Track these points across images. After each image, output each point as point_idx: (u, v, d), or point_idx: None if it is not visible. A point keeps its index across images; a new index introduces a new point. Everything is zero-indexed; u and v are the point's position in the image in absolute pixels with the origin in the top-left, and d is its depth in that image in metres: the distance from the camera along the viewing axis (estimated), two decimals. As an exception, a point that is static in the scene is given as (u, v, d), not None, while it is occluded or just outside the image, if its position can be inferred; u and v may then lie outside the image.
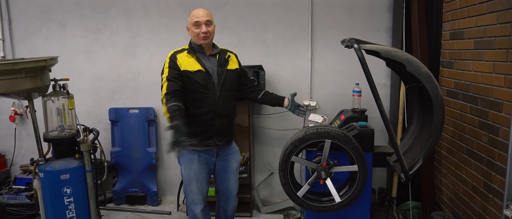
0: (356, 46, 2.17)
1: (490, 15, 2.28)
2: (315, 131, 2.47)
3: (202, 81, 2.35)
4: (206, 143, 2.44)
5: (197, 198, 2.49)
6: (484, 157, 2.36)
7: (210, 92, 2.38)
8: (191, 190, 2.48)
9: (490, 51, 2.28)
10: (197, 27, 2.36)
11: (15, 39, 3.66)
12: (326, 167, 2.48)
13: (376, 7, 3.30)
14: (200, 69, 2.36)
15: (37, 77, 2.38)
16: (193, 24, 2.37)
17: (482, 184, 2.38)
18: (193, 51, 2.41)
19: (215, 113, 2.41)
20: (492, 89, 2.27)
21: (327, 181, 2.50)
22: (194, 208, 2.50)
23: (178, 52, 2.41)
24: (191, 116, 2.37)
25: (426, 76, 2.19)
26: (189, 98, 2.37)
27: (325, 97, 3.47)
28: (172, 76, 2.31)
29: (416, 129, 2.63)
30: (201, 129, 2.40)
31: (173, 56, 2.38)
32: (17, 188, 3.44)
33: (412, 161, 2.44)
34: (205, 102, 2.38)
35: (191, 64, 2.36)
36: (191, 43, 2.45)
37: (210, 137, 2.43)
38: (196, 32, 2.37)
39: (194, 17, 2.38)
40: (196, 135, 2.36)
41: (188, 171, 2.45)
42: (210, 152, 2.49)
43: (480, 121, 2.41)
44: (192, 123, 2.36)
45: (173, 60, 2.36)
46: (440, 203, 3.00)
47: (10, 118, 3.70)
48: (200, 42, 2.39)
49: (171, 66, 2.34)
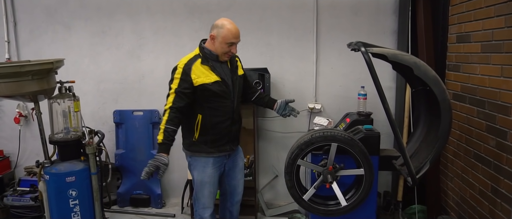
0: (363, 50, 2.17)
1: (498, 18, 2.27)
2: (322, 134, 2.46)
3: (220, 92, 2.32)
4: (222, 149, 2.44)
5: (208, 202, 2.48)
6: (492, 161, 2.35)
7: (228, 100, 2.37)
8: (203, 194, 2.47)
9: (498, 54, 2.27)
10: (230, 46, 2.29)
11: (20, 41, 3.67)
12: (332, 170, 2.48)
13: (381, 9, 3.29)
14: (217, 80, 2.31)
15: (44, 80, 2.38)
16: (228, 43, 2.27)
17: (490, 188, 2.37)
18: (206, 59, 2.31)
19: (233, 120, 2.42)
20: (500, 92, 2.26)
21: (333, 185, 2.49)
22: (203, 212, 2.50)
23: (192, 62, 2.29)
24: (208, 125, 2.36)
25: (433, 80, 2.18)
26: (207, 107, 2.34)
27: (330, 100, 3.47)
28: (182, 89, 2.25)
29: (422, 133, 2.62)
30: (218, 137, 2.40)
31: (188, 67, 2.27)
32: (22, 190, 3.44)
33: (419, 164, 2.43)
34: (223, 110, 2.37)
35: (207, 75, 2.29)
36: (204, 50, 2.34)
37: (226, 143, 2.44)
38: (226, 50, 2.30)
39: (232, 36, 2.27)
40: (214, 142, 2.39)
41: (202, 175, 2.44)
42: (224, 156, 2.50)
43: (487, 125, 2.40)
44: (210, 132, 2.37)
45: (187, 71, 2.25)
46: (446, 207, 2.99)
47: (15, 120, 3.70)
48: (223, 58, 2.34)
49: (183, 78, 2.25)
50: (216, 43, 2.30)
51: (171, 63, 3.52)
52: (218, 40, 2.28)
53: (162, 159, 2.20)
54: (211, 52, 2.32)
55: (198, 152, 2.42)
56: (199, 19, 3.46)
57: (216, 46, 2.30)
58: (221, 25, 2.28)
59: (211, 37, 2.31)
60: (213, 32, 2.30)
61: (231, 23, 2.30)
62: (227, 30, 2.26)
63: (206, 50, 2.34)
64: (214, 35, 2.29)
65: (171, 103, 2.24)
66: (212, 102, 2.34)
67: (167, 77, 3.49)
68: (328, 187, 2.50)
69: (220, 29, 2.27)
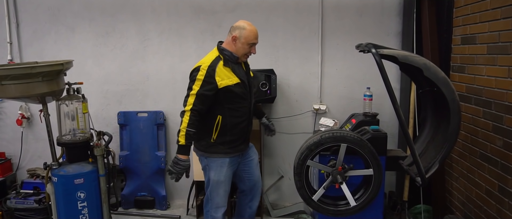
0: (374, 51, 2.19)
1: (505, 20, 2.30)
2: (331, 135, 2.48)
3: (241, 93, 2.38)
4: (238, 149, 2.49)
5: (223, 201, 2.52)
6: (499, 161, 2.38)
7: (247, 101, 2.43)
8: (218, 193, 2.50)
9: (505, 56, 2.31)
10: (251, 47, 2.37)
11: (23, 42, 3.63)
12: (342, 171, 2.49)
13: (386, 11, 3.33)
14: (238, 82, 2.36)
15: (53, 81, 2.36)
16: (249, 43, 2.35)
17: (497, 187, 2.40)
18: (227, 61, 2.35)
19: (249, 121, 2.49)
20: (507, 93, 2.29)
21: (342, 185, 2.51)
22: (216, 211, 2.52)
23: (215, 64, 2.32)
24: (227, 126, 2.40)
25: (443, 81, 2.21)
26: (227, 108, 2.38)
27: (335, 101, 3.49)
28: (204, 91, 2.27)
29: (429, 134, 2.65)
30: (236, 137, 2.45)
31: (212, 69, 2.28)
32: (25, 192, 3.40)
33: (427, 165, 2.45)
34: (242, 111, 2.42)
35: (229, 77, 2.33)
36: (224, 52, 2.37)
37: (242, 143, 2.50)
38: (247, 51, 2.38)
39: (253, 37, 2.35)
40: (231, 143, 2.44)
41: (218, 175, 2.47)
42: (238, 155, 2.55)
43: (494, 125, 2.44)
44: (228, 132, 2.41)
45: (212, 73, 2.27)
46: (451, 207, 3.02)
47: (17, 122, 3.66)
48: (242, 59, 2.41)
49: (206, 80, 2.27)
50: (238, 44, 2.34)
51: (176, 65, 3.56)
52: (241, 41, 2.33)
53: (187, 163, 2.30)
54: (232, 53, 2.36)
55: (216, 153, 2.45)
56: (204, 20, 3.47)
57: (237, 47, 2.35)
58: (242, 26, 2.34)
59: (233, 38, 2.35)
60: (235, 33, 2.34)
61: (251, 24, 2.36)
62: (249, 31, 2.33)
63: (226, 51, 2.37)
64: (236, 36, 2.33)
65: (192, 105, 2.26)
66: (233, 103, 2.37)
67: (172, 78, 3.57)
68: (337, 187, 2.52)
69: (242, 30, 2.33)
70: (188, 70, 3.36)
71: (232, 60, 2.36)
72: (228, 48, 2.37)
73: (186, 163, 2.29)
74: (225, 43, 2.41)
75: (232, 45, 2.36)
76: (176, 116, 3.63)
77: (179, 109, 3.53)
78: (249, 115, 2.48)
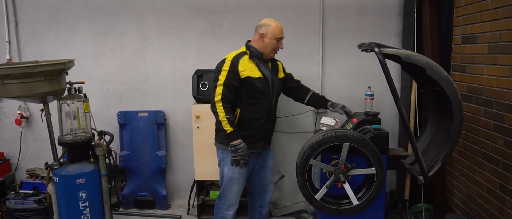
0: (377, 50, 2.20)
1: (506, 20, 2.32)
2: (334, 134, 2.48)
3: (262, 88, 2.44)
4: (254, 146, 2.53)
5: (235, 199, 2.56)
6: (500, 160, 2.40)
7: (267, 98, 2.48)
8: (230, 191, 2.53)
9: (507, 55, 2.33)
10: (278, 41, 2.47)
11: (22, 41, 3.61)
12: (344, 170, 2.50)
13: (386, 11, 3.34)
14: (260, 76, 2.44)
15: (55, 80, 2.35)
16: (276, 38, 2.45)
17: (498, 186, 2.42)
18: (252, 56, 2.45)
19: (269, 119, 2.53)
20: (508, 92, 2.31)
21: (345, 185, 2.51)
22: (227, 210, 2.56)
23: (240, 56, 2.42)
24: (244, 119, 2.45)
25: (446, 80, 2.22)
26: (246, 102, 2.44)
27: (335, 100, 3.43)
28: (230, 81, 2.35)
29: (431, 133, 2.66)
30: (253, 133, 2.49)
31: (235, 60, 2.39)
32: (25, 192, 3.37)
33: (429, 163, 2.47)
34: (262, 107, 2.47)
35: (252, 70, 2.42)
36: (251, 48, 2.47)
37: (259, 140, 2.53)
38: (275, 45, 2.46)
39: (279, 31, 2.47)
40: (248, 138, 2.46)
41: (232, 171, 2.50)
42: (254, 154, 2.56)
43: (495, 124, 2.45)
44: (244, 126, 2.45)
45: (235, 64, 2.37)
46: (451, 205, 3.04)
47: (16, 122, 3.64)
48: (270, 55, 2.49)
49: (231, 71, 2.36)
50: (266, 40, 2.45)
51: (176, 64, 3.55)
52: (268, 37, 2.44)
53: (243, 144, 2.37)
54: (258, 50, 2.46)
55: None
56: (205, 19, 3.46)
57: (265, 43, 2.45)
58: (268, 23, 2.47)
59: (260, 35, 2.46)
60: (262, 30, 2.45)
61: (275, 21, 2.49)
62: (275, 26, 2.46)
63: (252, 48, 2.47)
64: (263, 33, 2.44)
65: (221, 94, 2.32)
66: (253, 98, 2.43)
67: (173, 77, 3.57)
68: (340, 186, 2.52)
69: (268, 26, 2.45)
70: (189, 69, 3.42)
71: (257, 56, 2.46)
72: (256, 45, 2.47)
73: (242, 145, 2.36)
74: (252, 41, 2.52)
75: (259, 42, 2.46)
76: (176, 116, 3.62)
77: (180, 108, 3.59)
78: (269, 113, 2.52)
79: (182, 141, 3.65)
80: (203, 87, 3.21)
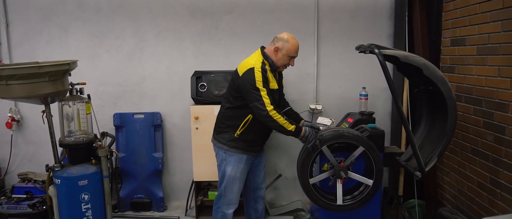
0: (377, 51, 2.30)
1: (494, 23, 2.47)
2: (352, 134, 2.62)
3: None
4: (255, 149, 2.62)
5: (235, 198, 2.60)
6: (490, 155, 2.54)
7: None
8: (232, 190, 2.57)
9: (495, 56, 2.47)
10: (292, 59, 2.49)
11: (13, 43, 3.53)
12: (344, 167, 2.60)
13: (378, 15, 3.47)
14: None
15: (59, 81, 2.32)
16: (290, 56, 2.47)
17: (489, 180, 2.56)
18: (271, 67, 2.48)
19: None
20: (497, 91, 2.45)
21: (337, 183, 2.62)
22: (227, 208, 2.60)
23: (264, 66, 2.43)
24: (254, 126, 2.49)
25: (441, 80, 2.35)
26: None
27: (330, 100, 3.60)
28: (267, 88, 2.39)
29: (425, 130, 2.79)
30: (258, 138, 2.58)
31: (264, 69, 2.40)
32: (17, 197, 3.30)
33: (424, 160, 2.58)
34: None
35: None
36: (269, 60, 2.48)
37: (259, 145, 2.65)
38: (286, 62, 2.49)
39: (294, 50, 2.48)
40: (252, 142, 2.55)
41: (235, 170, 2.54)
42: (253, 155, 2.64)
43: (485, 122, 2.60)
44: (252, 132, 2.51)
45: (265, 74, 2.39)
46: (442, 200, 3.18)
47: (7, 125, 3.55)
48: (280, 69, 2.53)
49: (264, 80, 2.38)
50: (279, 55, 2.46)
51: (173, 66, 3.56)
52: (282, 52, 2.45)
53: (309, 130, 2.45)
54: (274, 62, 2.47)
55: (235, 148, 2.52)
56: (202, 21, 3.49)
57: (278, 57, 2.47)
58: (286, 39, 2.45)
59: (275, 49, 2.46)
60: (278, 44, 2.45)
61: (294, 38, 2.49)
62: (292, 44, 2.45)
63: (270, 59, 2.48)
64: (278, 47, 2.45)
65: (270, 104, 2.34)
66: None
67: (169, 79, 3.57)
68: (341, 183, 2.62)
69: (285, 42, 2.44)
70: (185, 71, 3.43)
71: (273, 68, 2.49)
72: (270, 56, 2.49)
73: (308, 131, 2.44)
74: (267, 50, 2.51)
75: (273, 55, 2.48)
76: (173, 117, 3.63)
77: (177, 109, 3.60)
78: None
79: (179, 143, 3.65)
80: (202, 88, 3.24)
